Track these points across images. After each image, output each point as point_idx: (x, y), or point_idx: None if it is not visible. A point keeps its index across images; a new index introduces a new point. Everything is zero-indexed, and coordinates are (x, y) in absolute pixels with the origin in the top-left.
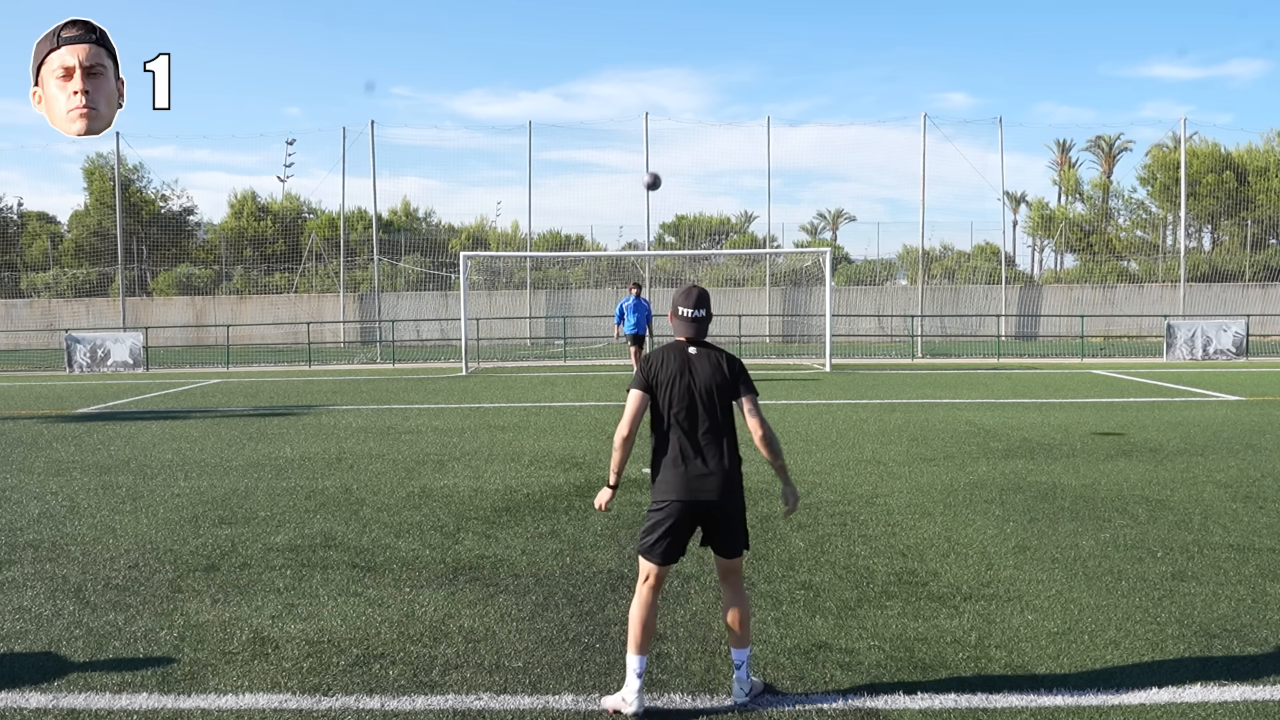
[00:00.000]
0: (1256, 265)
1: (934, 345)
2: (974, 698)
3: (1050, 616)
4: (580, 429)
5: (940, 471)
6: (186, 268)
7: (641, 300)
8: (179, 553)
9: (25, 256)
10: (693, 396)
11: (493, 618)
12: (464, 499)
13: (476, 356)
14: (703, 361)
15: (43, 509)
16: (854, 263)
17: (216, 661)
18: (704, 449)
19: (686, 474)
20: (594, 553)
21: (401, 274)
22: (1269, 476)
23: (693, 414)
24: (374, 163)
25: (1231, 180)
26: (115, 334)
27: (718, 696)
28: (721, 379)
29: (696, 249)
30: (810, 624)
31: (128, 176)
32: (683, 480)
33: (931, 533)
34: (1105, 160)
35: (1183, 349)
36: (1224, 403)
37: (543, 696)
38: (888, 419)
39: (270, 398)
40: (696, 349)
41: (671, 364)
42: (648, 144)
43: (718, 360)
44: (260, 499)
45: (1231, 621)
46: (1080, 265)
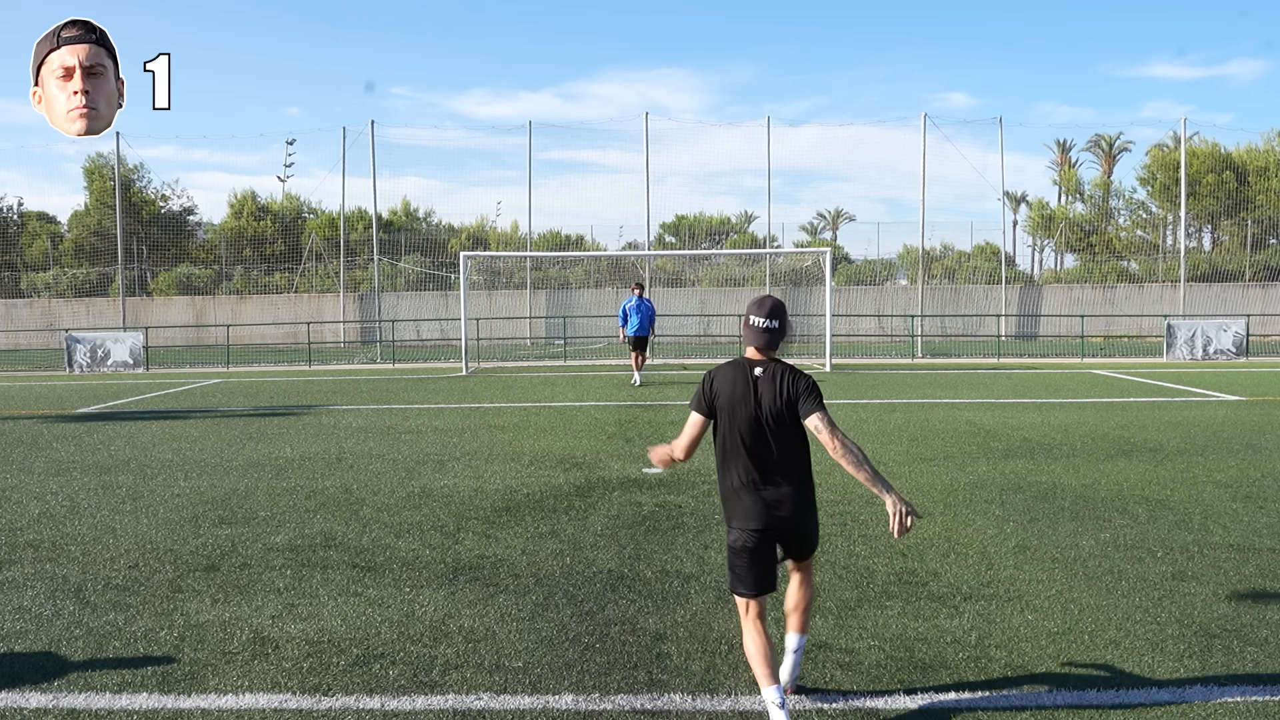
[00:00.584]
0: (1256, 265)
1: (934, 345)
2: (974, 698)
3: (1050, 616)
4: (580, 429)
5: (940, 471)
6: (186, 268)
7: (644, 301)
8: (179, 553)
9: (25, 256)
10: (759, 423)
11: (493, 618)
12: (464, 499)
13: (476, 356)
14: (768, 384)
15: (43, 509)
16: (854, 263)
17: (216, 661)
18: (776, 474)
19: (762, 500)
20: (594, 553)
21: (401, 274)
22: (1269, 476)
23: (761, 440)
24: (374, 163)
25: (1231, 180)
26: (115, 334)
27: (718, 696)
28: (785, 401)
29: (696, 249)
30: (810, 624)
31: (128, 176)
32: (759, 507)
33: (931, 533)
34: (1105, 160)
35: (1183, 349)
36: (1224, 403)
37: (543, 696)
38: (888, 419)
39: (270, 398)
40: (762, 369)
41: (735, 387)
42: (648, 144)
43: (783, 380)
44: (260, 499)
45: (1231, 621)
46: (1080, 265)
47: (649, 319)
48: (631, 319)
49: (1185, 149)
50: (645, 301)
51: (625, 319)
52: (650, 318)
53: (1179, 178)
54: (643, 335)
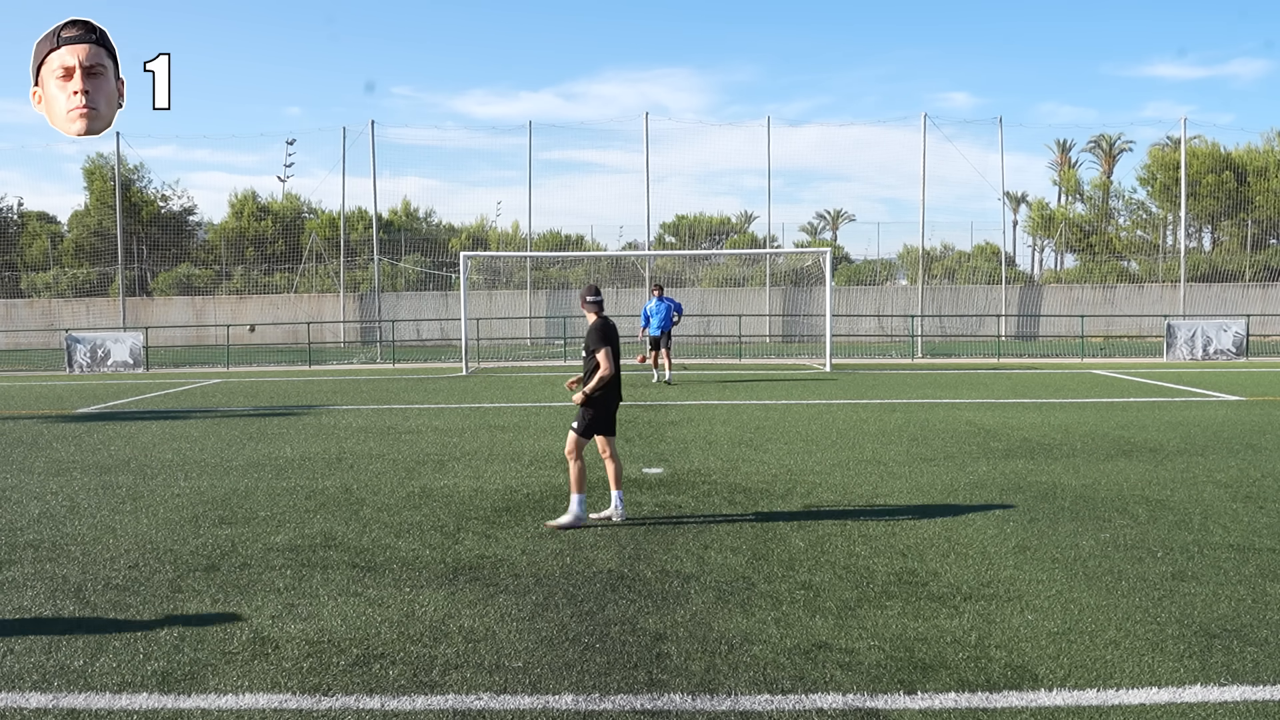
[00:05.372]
0: (1256, 265)
1: (934, 345)
2: (974, 698)
3: (1050, 616)
4: None
5: (940, 471)
6: (186, 268)
7: (664, 300)
8: (179, 553)
9: (25, 256)
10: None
11: (493, 618)
12: (464, 499)
13: (477, 356)
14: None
15: (43, 509)
16: (854, 263)
17: (216, 661)
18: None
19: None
20: (594, 553)
21: (401, 274)
22: (1269, 476)
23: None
24: (374, 163)
25: (1231, 180)
26: (115, 334)
27: (718, 696)
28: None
29: (697, 249)
30: (810, 624)
31: (128, 176)
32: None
33: (931, 533)
34: (1105, 160)
35: (1183, 349)
36: (1224, 403)
37: (543, 696)
38: (888, 419)
39: (270, 398)
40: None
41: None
42: (648, 144)
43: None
44: (260, 499)
45: (1231, 621)
46: (1080, 265)
47: (669, 316)
48: (652, 320)
49: (1185, 149)
50: (665, 301)
51: (647, 320)
52: (668, 315)
53: (1179, 178)
54: (666, 330)
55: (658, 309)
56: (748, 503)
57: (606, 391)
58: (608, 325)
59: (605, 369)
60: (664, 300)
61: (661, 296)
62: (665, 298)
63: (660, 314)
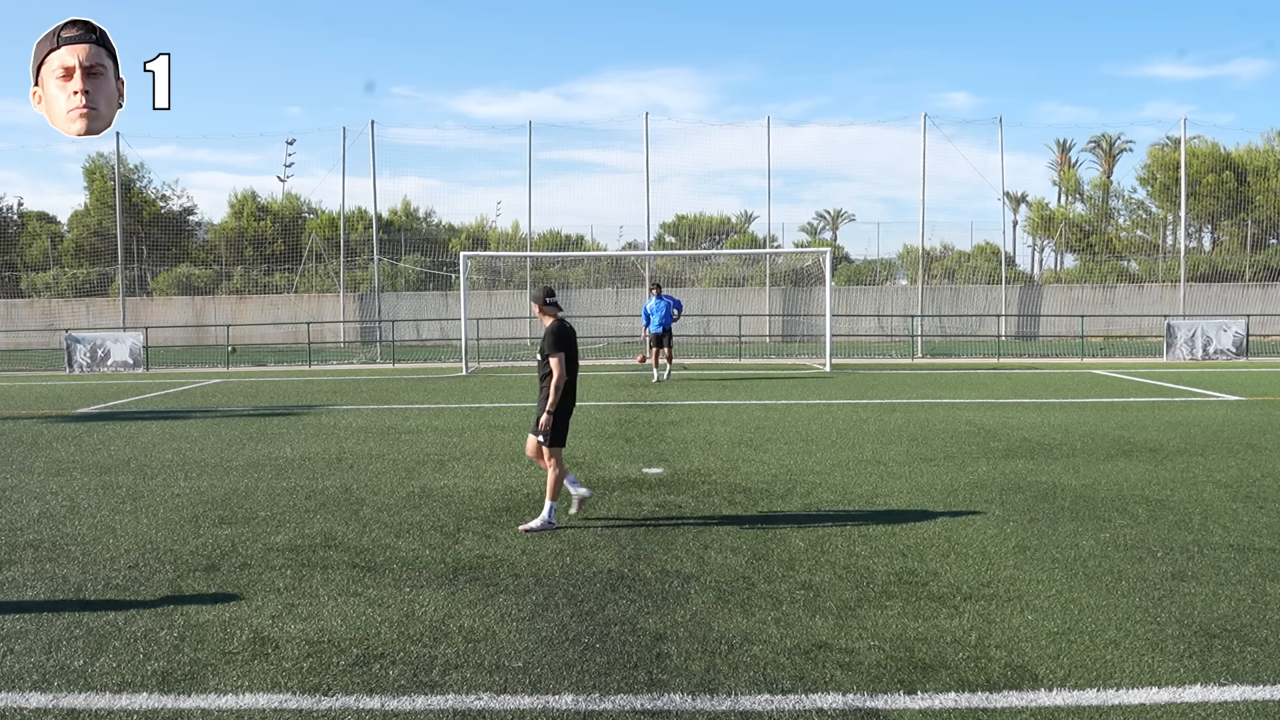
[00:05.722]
0: (1256, 265)
1: (934, 345)
2: (974, 697)
3: (1050, 616)
4: (581, 429)
5: (940, 471)
6: (186, 268)
7: (663, 298)
8: (179, 553)
9: (25, 256)
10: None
11: (493, 618)
12: (464, 499)
13: (477, 356)
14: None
15: (43, 509)
16: (854, 263)
17: (216, 661)
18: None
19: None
20: (594, 553)
21: (401, 274)
22: (1269, 476)
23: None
24: (374, 163)
25: (1231, 180)
26: (115, 334)
27: (718, 696)
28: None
29: (696, 249)
30: (810, 624)
31: (128, 176)
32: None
33: (931, 533)
34: (1105, 160)
35: (1183, 349)
36: (1224, 403)
37: (543, 696)
38: (888, 419)
39: (270, 398)
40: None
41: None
42: (648, 144)
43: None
44: (260, 499)
45: (1231, 621)
46: (1080, 265)
47: (669, 313)
48: (653, 317)
49: (1185, 149)
50: (663, 299)
51: (647, 319)
52: (668, 312)
53: (1179, 178)
54: (665, 329)
55: (658, 307)
56: (748, 503)
57: (565, 398)
58: (564, 329)
59: (558, 374)
60: (663, 298)
61: (660, 295)
62: (664, 295)
63: (660, 311)
